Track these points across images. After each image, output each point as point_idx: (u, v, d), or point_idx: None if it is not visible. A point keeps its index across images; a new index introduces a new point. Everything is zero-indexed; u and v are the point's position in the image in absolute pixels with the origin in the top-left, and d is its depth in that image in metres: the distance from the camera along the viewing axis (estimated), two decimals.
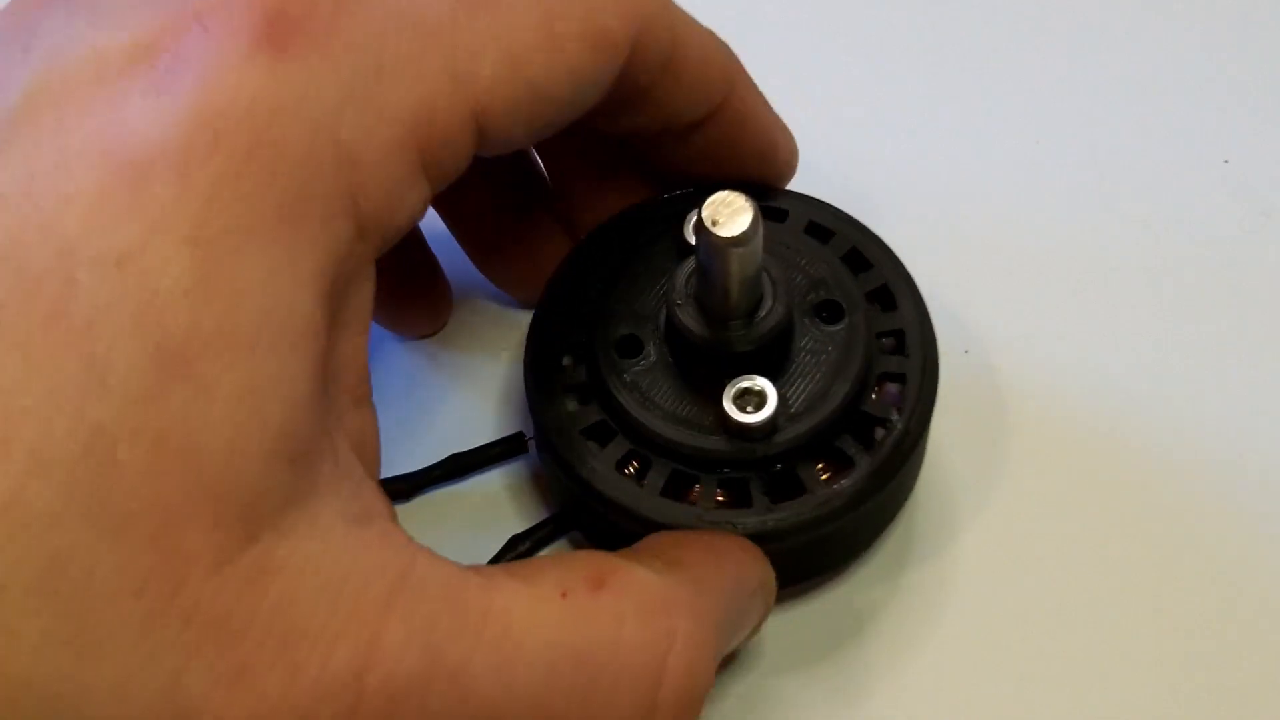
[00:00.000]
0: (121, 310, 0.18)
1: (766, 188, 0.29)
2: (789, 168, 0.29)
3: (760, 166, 0.29)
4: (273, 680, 0.18)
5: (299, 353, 0.19)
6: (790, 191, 0.29)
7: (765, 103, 0.28)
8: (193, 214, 0.18)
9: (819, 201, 0.29)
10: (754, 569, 0.25)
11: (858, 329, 0.27)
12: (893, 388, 0.27)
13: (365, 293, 0.22)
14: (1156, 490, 0.30)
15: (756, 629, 0.26)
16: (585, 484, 0.26)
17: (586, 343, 0.27)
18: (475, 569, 0.21)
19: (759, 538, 0.25)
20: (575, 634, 0.21)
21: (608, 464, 0.26)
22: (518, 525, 0.30)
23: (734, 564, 0.25)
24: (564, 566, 0.22)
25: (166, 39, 0.19)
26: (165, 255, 0.18)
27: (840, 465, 0.26)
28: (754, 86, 0.28)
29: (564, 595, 0.21)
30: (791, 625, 0.29)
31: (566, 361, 0.28)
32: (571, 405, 0.27)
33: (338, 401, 0.21)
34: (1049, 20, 0.39)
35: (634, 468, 0.26)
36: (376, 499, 0.21)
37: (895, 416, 0.26)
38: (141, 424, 0.18)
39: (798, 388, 0.26)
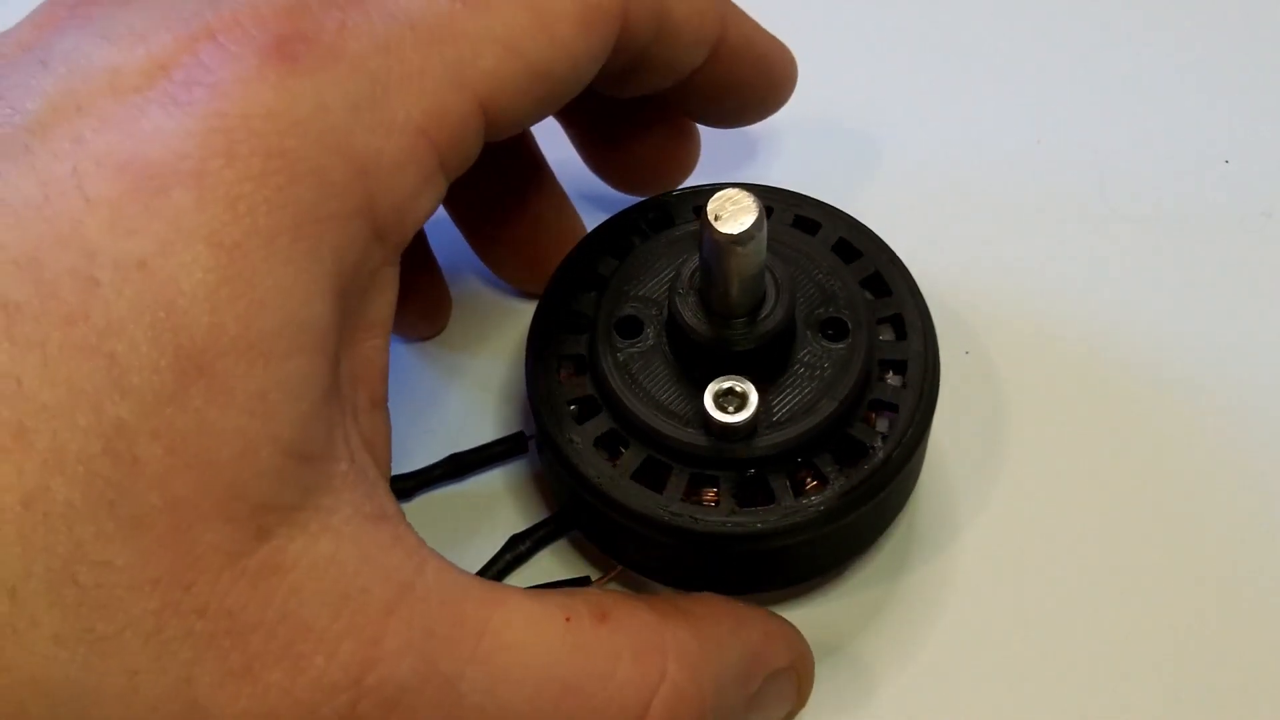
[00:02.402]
0: (142, 312, 0.18)
1: (804, 197, 0.29)
2: (789, 82, 0.30)
3: (762, 89, 0.29)
4: (277, 675, 0.19)
5: (315, 358, 0.20)
6: (828, 205, 0.29)
7: (757, 27, 0.28)
8: (213, 220, 0.19)
9: (854, 221, 0.29)
10: (782, 648, 0.25)
11: (858, 351, 0.26)
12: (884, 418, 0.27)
13: (386, 296, 0.22)
14: (1156, 490, 0.30)
15: (791, 714, 0.26)
16: (561, 454, 0.26)
17: (591, 316, 0.27)
18: (484, 582, 0.22)
19: (716, 539, 0.25)
20: (569, 661, 0.21)
21: (587, 439, 0.26)
22: (518, 525, 0.30)
23: (756, 635, 0.25)
24: (573, 595, 0.23)
25: (182, 54, 0.20)
26: (186, 259, 0.18)
27: (820, 481, 0.26)
28: (744, 16, 0.28)
29: (567, 619, 0.22)
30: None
31: (570, 333, 0.28)
32: (565, 374, 0.27)
33: (355, 403, 0.22)
34: (1050, 20, 0.39)
35: (619, 449, 0.26)
36: (390, 501, 0.21)
37: (879, 444, 0.26)
38: (160, 423, 0.18)
39: (786, 397, 0.26)
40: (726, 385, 0.25)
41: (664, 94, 0.28)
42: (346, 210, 0.20)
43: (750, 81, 0.29)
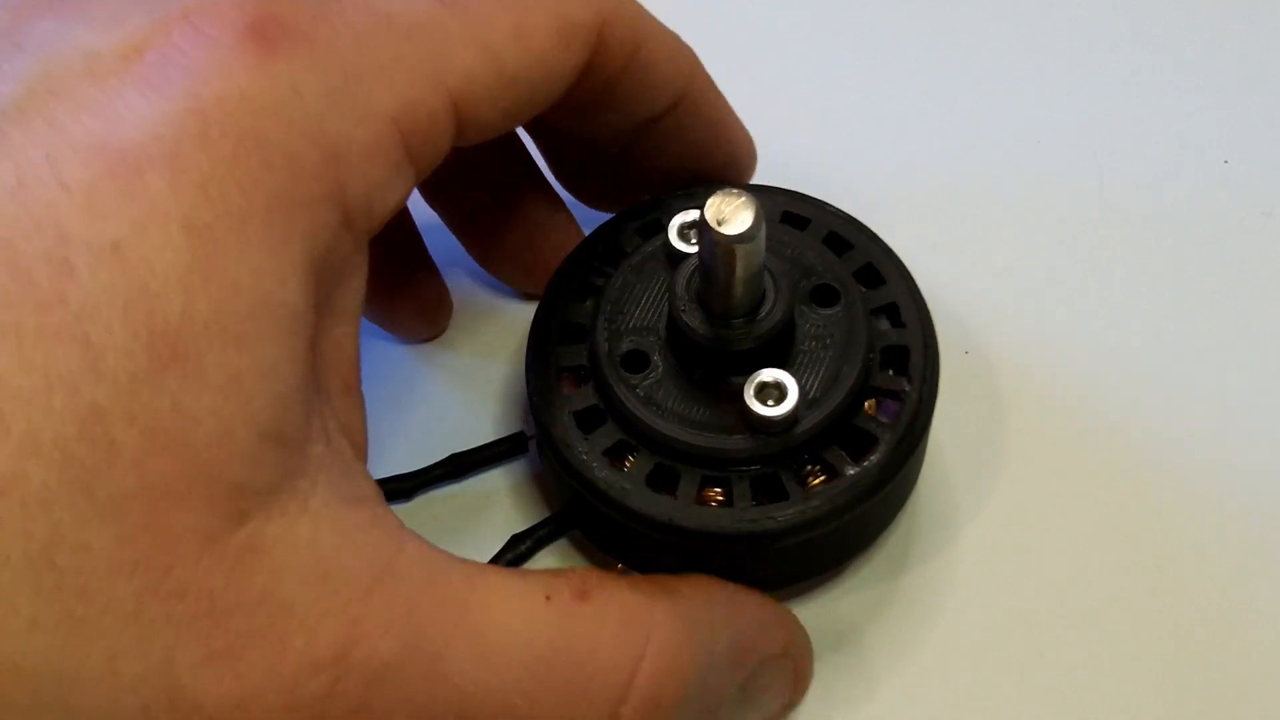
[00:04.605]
0: (116, 295, 0.18)
1: (738, 185, 0.29)
2: (748, 164, 0.30)
3: (721, 161, 0.30)
4: (259, 655, 0.19)
5: (289, 341, 0.20)
6: (762, 185, 0.30)
7: (723, 100, 0.29)
8: (186, 203, 0.19)
9: (790, 191, 0.29)
10: (777, 634, 0.25)
11: (855, 308, 0.27)
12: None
13: (356, 282, 0.22)
14: (1156, 490, 0.30)
15: (789, 705, 0.26)
16: (618, 504, 0.26)
17: (590, 365, 0.27)
18: (465, 561, 0.22)
19: (799, 528, 0.25)
20: (550, 640, 0.21)
21: (638, 482, 0.26)
22: (518, 525, 0.30)
23: (748, 619, 0.25)
24: (555, 574, 0.23)
25: (157, 38, 0.20)
26: (160, 242, 0.18)
27: (857, 446, 0.26)
28: (712, 83, 0.28)
29: (548, 598, 0.22)
30: None
31: (569, 389, 0.27)
32: (586, 428, 0.27)
33: (329, 387, 0.22)
34: (1050, 19, 0.39)
35: (675, 481, 0.26)
36: (368, 483, 0.21)
37: (907, 388, 0.26)
38: (137, 407, 0.18)
39: (809, 374, 0.26)
40: (763, 379, 0.25)
41: (623, 155, 0.28)
42: (317, 195, 0.20)
43: (707, 150, 0.29)
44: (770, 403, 0.25)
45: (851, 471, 0.25)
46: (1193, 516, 0.30)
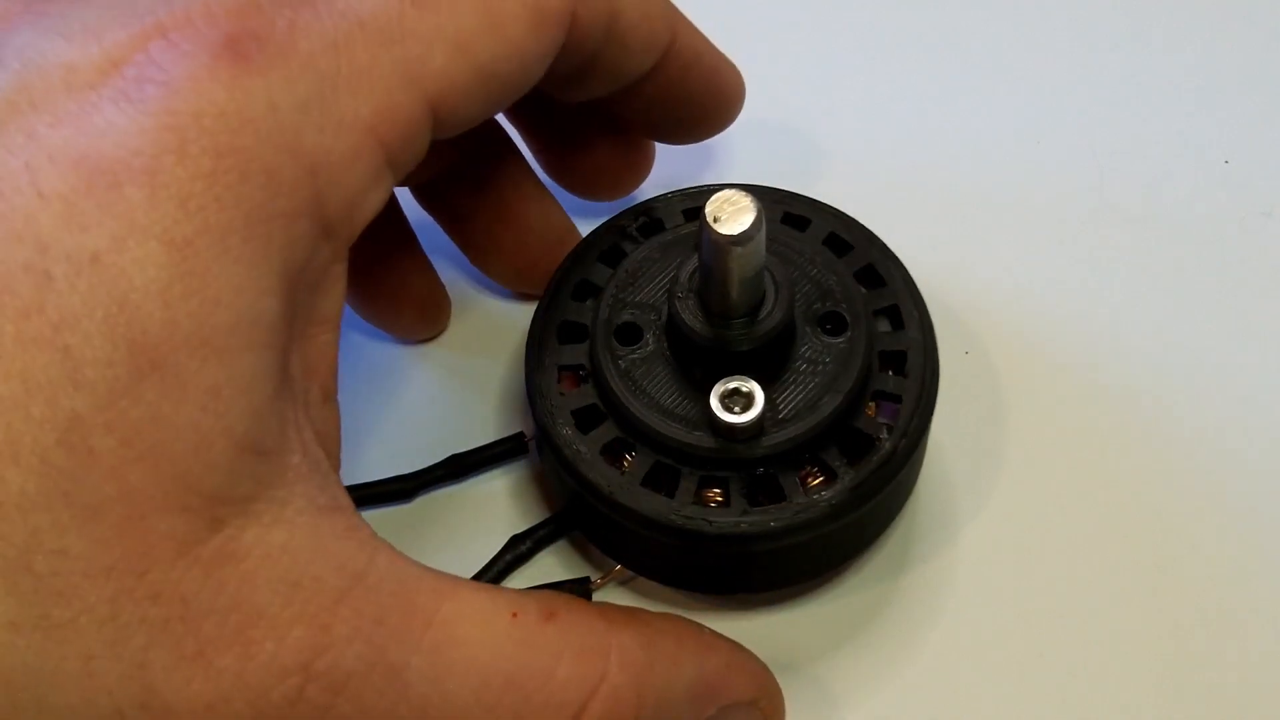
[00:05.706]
0: (95, 306, 0.18)
1: (794, 194, 0.29)
2: (736, 100, 0.30)
3: (708, 103, 0.30)
4: (228, 660, 0.19)
5: (267, 354, 0.20)
6: (818, 202, 0.29)
7: (707, 42, 0.29)
8: (165, 216, 0.19)
9: (844, 215, 0.29)
10: (745, 681, 0.25)
11: (858, 344, 0.27)
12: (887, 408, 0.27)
13: (335, 290, 0.22)
14: (1155, 491, 0.30)
15: None
16: (569, 465, 0.26)
17: (589, 326, 0.27)
18: (435, 574, 0.22)
19: (730, 539, 0.25)
20: (512, 656, 0.22)
21: (594, 448, 0.26)
22: (518, 525, 0.30)
23: (717, 662, 0.25)
24: (525, 594, 0.23)
25: (135, 52, 0.20)
26: (139, 254, 0.18)
27: (829, 476, 0.26)
28: (694, 29, 0.28)
29: (514, 615, 0.22)
30: (791, 625, 0.29)
31: (568, 343, 0.28)
32: (567, 384, 0.27)
33: (309, 395, 0.22)
34: (1050, 19, 0.39)
35: (625, 456, 0.26)
36: (341, 492, 0.22)
37: (885, 436, 0.26)
38: (115, 416, 0.18)
39: (790, 394, 0.26)
40: (732, 385, 0.25)
41: (613, 104, 0.28)
42: (296, 208, 0.20)
43: (697, 94, 0.29)
44: (736, 409, 0.25)
45: (800, 500, 0.25)
46: (1193, 516, 0.30)
